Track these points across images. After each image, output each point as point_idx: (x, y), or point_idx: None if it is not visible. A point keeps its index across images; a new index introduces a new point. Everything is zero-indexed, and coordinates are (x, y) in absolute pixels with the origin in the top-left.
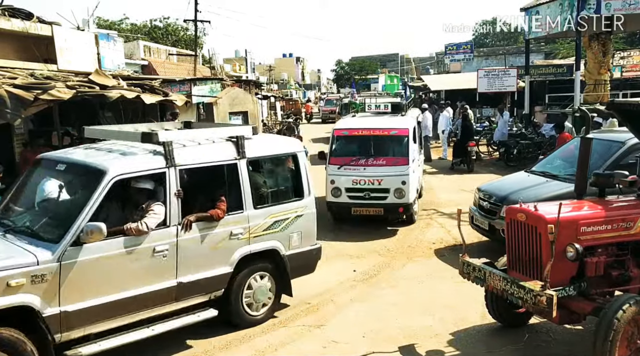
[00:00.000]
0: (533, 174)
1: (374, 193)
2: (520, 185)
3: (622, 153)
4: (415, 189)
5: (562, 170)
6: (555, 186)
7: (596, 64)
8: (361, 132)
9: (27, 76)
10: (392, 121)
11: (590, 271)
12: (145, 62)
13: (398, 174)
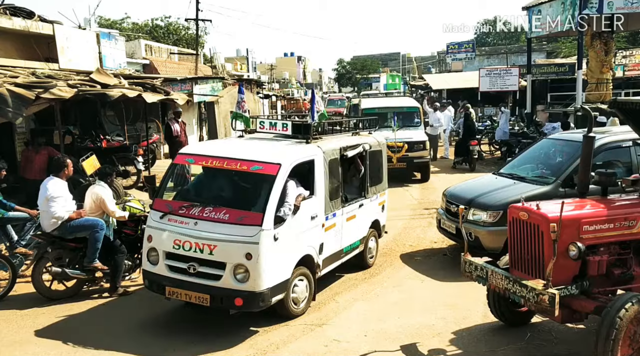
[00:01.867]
0: (501, 176)
1: (202, 267)
2: (488, 188)
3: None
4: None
5: (529, 171)
6: (522, 188)
7: (598, 63)
8: (211, 162)
9: (29, 75)
10: (267, 150)
11: (593, 270)
12: (147, 61)
13: (241, 240)
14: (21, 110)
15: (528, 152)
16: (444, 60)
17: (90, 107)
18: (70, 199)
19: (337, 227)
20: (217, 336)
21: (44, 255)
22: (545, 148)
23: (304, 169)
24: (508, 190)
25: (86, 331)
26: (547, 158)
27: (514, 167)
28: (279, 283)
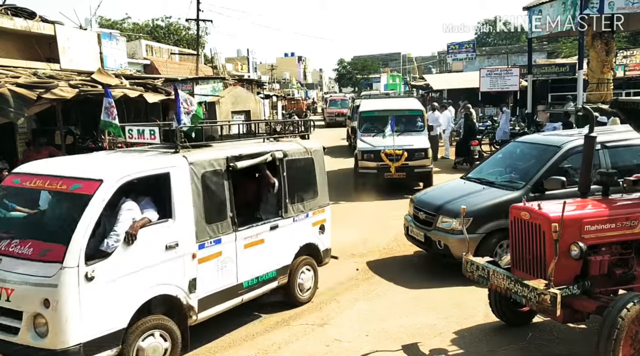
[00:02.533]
0: (469, 181)
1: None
2: (456, 194)
3: (559, 158)
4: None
5: (498, 176)
6: (492, 194)
7: (599, 63)
8: (34, 182)
9: (30, 75)
10: (96, 164)
11: (594, 270)
12: (148, 61)
13: (38, 282)
14: (23, 110)
15: (497, 155)
16: (444, 60)
17: (92, 107)
18: None
19: (224, 256)
20: (218, 336)
21: None
22: (514, 151)
23: (158, 186)
24: (478, 196)
25: None
26: (516, 162)
27: (483, 171)
28: (103, 336)
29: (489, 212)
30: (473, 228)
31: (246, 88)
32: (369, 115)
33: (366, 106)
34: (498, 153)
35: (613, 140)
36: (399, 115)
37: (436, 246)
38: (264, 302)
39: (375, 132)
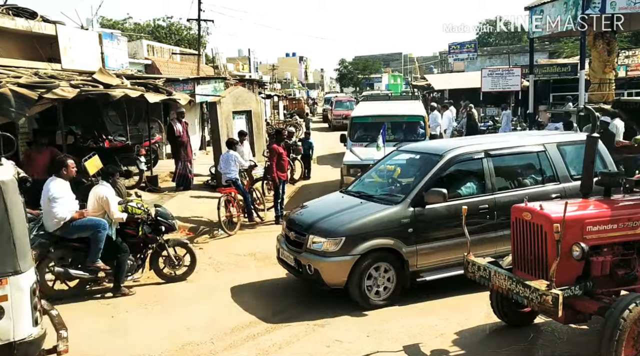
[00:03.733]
0: (348, 195)
1: None
2: (332, 209)
3: (440, 168)
4: None
5: (379, 189)
6: (367, 209)
7: (601, 63)
8: None
9: (31, 75)
10: None
11: (596, 270)
12: (149, 61)
13: None
14: (24, 110)
15: (380, 165)
16: (445, 60)
17: (93, 107)
18: (72, 199)
19: None
20: (219, 336)
21: (47, 255)
22: (399, 160)
23: None
24: (353, 212)
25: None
26: (400, 172)
27: (363, 183)
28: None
29: (364, 231)
30: (345, 250)
31: (247, 88)
32: (362, 121)
33: (359, 110)
34: (381, 162)
35: (498, 148)
36: (396, 122)
37: (306, 271)
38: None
39: (368, 141)
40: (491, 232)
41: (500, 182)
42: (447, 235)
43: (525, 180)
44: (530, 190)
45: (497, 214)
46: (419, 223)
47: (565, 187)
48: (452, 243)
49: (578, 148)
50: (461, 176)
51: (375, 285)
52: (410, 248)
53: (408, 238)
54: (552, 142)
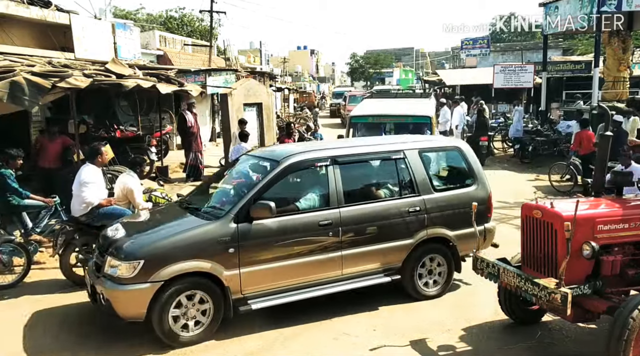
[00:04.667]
0: (182, 206)
1: None
2: (149, 224)
3: (276, 176)
4: None
5: (213, 199)
6: (183, 225)
7: (615, 61)
8: None
9: (45, 64)
10: None
11: (606, 270)
12: (161, 52)
13: None
14: (37, 98)
15: (230, 172)
16: (458, 56)
17: (105, 97)
18: (103, 187)
19: None
20: (227, 327)
21: (72, 241)
22: (244, 167)
23: None
24: (162, 230)
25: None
26: (238, 181)
27: (207, 192)
28: None
29: (169, 252)
30: (144, 276)
31: (258, 80)
32: (361, 121)
33: (359, 109)
34: (233, 168)
35: (347, 154)
36: (399, 123)
37: (100, 300)
38: None
39: None
40: (335, 251)
41: (349, 194)
42: (281, 256)
43: (379, 191)
44: (383, 203)
45: (342, 231)
46: (244, 242)
47: (425, 200)
48: (286, 266)
49: (444, 156)
50: (302, 186)
51: (185, 317)
52: (232, 272)
53: (229, 260)
54: (414, 148)
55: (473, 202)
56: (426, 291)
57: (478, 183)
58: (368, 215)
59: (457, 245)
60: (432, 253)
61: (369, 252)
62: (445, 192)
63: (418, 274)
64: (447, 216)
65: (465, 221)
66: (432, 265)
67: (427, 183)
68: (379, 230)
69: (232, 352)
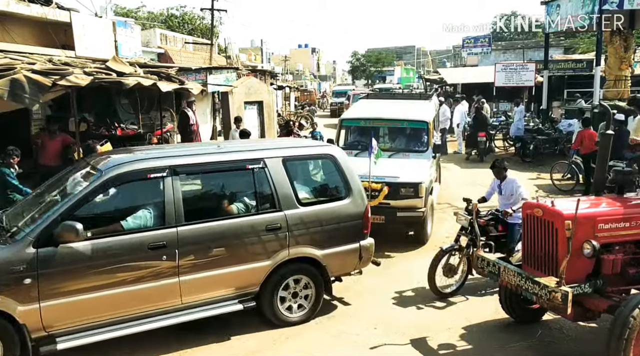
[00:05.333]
0: None
1: None
2: None
3: (97, 187)
4: None
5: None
6: None
7: (617, 60)
8: None
9: (46, 62)
10: None
11: (607, 268)
12: (162, 50)
13: None
14: (38, 96)
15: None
16: (459, 54)
17: (106, 95)
18: None
19: None
20: (227, 325)
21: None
22: (76, 176)
23: None
24: None
25: None
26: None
27: None
28: None
29: None
30: None
31: (259, 79)
32: (353, 124)
33: (352, 111)
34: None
35: (191, 163)
36: (394, 127)
37: None
38: None
39: (359, 149)
40: (170, 277)
41: (190, 210)
42: (98, 285)
43: (232, 206)
44: (234, 220)
45: (180, 253)
46: (45, 270)
47: (288, 215)
48: (106, 296)
49: (314, 165)
50: (132, 202)
51: None
52: (29, 306)
53: (26, 292)
54: (276, 156)
55: (346, 216)
56: (289, 317)
57: (353, 196)
58: (214, 235)
59: (327, 266)
60: (297, 274)
61: (216, 277)
62: (313, 206)
63: (280, 298)
64: (315, 233)
65: (338, 238)
66: (298, 288)
67: (290, 196)
68: (229, 252)
69: (234, 351)
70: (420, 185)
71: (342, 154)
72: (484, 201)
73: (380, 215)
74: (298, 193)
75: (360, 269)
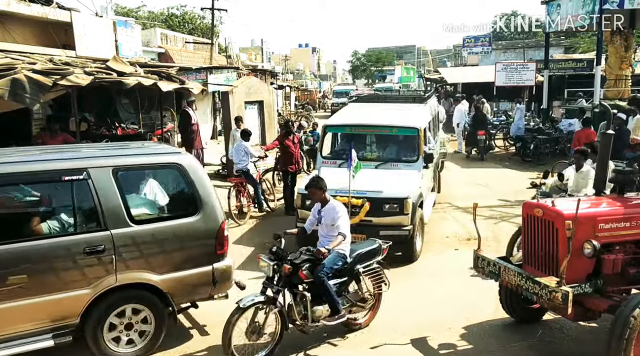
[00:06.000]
0: None
1: None
2: None
3: None
4: None
5: None
6: None
7: (617, 59)
8: None
9: (46, 61)
10: None
11: (607, 268)
12: (162, 49)
13: None
14: (38, 96)
15: None
16: (459, 53)
17: (106, 94)
18: None
19: None
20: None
21: None
22: None
23: None
24: None
25: None
26: None
27: None
28: None
29: None
30: None
31: (260, 78)
32: (337, 131)
33: (338, 116)
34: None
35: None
36: (381, 135)
37: None
38: None
39: (343, 159)
40: None
41: None
42: None
43: (41, 225)
44: (40, 242)
45: None
46: None
47: (115, 235)
48: None
49: (156, 175)
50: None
51: None
52: None
53: None
54: (105, 166)
55: (194, 235)
56: (119, 352)
57: (204, 212)
58: (15, 259)
59: (170, 293)
60: (130, 303)
61: (19, 308)
62: (150, 224)
63: (108, 328)
64: (152, 256)
65: (184, 261)
66: (135, 318)
67: (120, 213)
68: (35, 279)
69: None
70: (405, 201)
71: (193, 163)
72: (304, 233)
73: (361, 234)
74: (131, 209)
75: (225, 293)
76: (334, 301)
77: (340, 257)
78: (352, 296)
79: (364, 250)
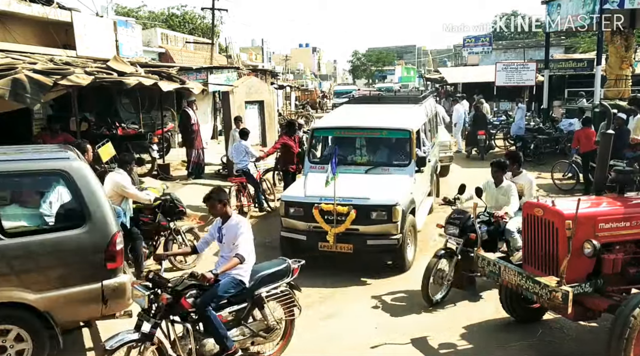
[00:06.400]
0: None
1: None
2: None
3: None
4: None
5: None
6: None
7: (618, 59)
8: None
9: (47, 61)
10: None
11: (607, 268)
12: (163, 49)
13: None
14: (39, 96)
15: None
16: (460, 53)
17: (107, 94)
18: None
19: None
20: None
21: None
22: None
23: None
24: None
25: None
26: None
27: None
28: None
29: None
30: None
31: (260, 78)
32: (326, 134)
33: (328, 118)
34: None
35: None
36: (371, 138)
37: None
38: None
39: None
40: None
41: None
42: None
43: None
44: None
45: None
46: None
47: None
48: None
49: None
50: None
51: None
52: None
53: None
54: None
55: (77, 249)
56: None
57: (92, 223)
58: None
59: (50, 313)
60: (2, 324)
61: None
62: (24, 237)
63: None
64: (25, 272)
65: (68, 277)
66: (9, 342)
67: None
68: None
69: None
70: (394, 208)
71: (82, 170)
72: (195, 253)
73: (348, 244)
74: (2, 220)
75: (128, 311)
76: (220, 335)
77: (235, 284)
78: (254, 326)
79: (268, 271)
